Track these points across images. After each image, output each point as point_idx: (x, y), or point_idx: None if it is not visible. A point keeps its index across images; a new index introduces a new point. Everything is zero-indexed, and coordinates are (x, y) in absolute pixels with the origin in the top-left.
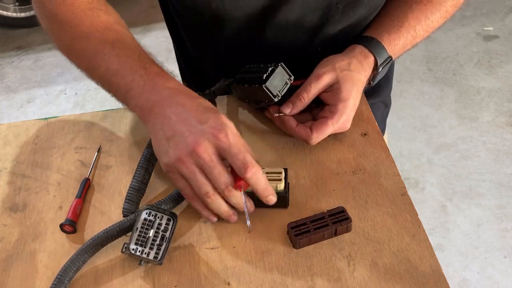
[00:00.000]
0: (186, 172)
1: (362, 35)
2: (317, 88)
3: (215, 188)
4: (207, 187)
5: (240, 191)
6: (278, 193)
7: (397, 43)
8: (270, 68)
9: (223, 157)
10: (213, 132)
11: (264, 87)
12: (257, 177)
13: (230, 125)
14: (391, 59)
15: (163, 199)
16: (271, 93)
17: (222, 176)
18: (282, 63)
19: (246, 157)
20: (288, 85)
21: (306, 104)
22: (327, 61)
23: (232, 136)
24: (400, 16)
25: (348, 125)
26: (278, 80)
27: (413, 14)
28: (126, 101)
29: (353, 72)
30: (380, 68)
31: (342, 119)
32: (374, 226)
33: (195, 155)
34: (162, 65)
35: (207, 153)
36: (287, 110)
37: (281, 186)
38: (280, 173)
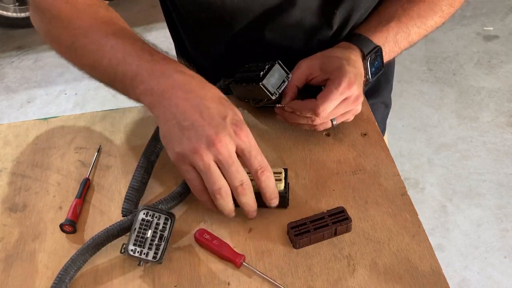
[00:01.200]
0: (200, 165)
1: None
2: (301, 73)
3: (228, 184)
4: (221, 182)
5: (240, 266)
6: (278, 193)
7: (386, 35)
8: (267, 66)
9: (238, 155)
10: (235, 129)
11: (261, 85)
12: (270, 181)
13: (245, 123)
14: (380, 49)
15: (162, 199)
16: (268, 91)
17: (239, 174)
18: (279, 61)
19: (264, 160)
20: (286, 83)
21: (296, 87)
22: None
23: (250, 136)
24: (390, 13)
25: (355, 89)
26: (275, 78)
27: (404, 12)
28: (133, 87)
29: (334, 53)
30: (369, 58)
31: (345, 82)
32: (374, 226)
33: (214, 149)
34: (167, 53)
35: (227, 149)
36: (283, 101)
37: (281, 186)
38: (280, 173)
